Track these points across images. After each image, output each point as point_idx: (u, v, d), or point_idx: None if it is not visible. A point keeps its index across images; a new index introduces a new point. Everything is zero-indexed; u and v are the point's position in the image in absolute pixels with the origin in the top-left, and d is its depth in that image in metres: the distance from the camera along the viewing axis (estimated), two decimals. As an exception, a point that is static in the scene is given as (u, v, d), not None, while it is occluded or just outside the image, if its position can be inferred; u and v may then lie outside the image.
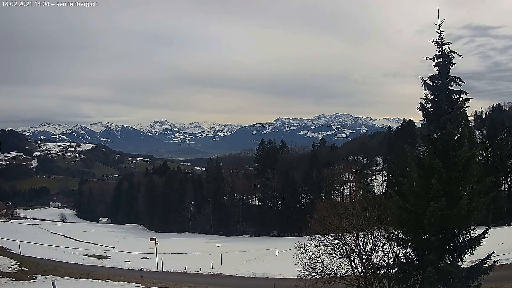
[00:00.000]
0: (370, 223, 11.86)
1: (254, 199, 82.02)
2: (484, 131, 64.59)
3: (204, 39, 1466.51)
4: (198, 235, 75.80)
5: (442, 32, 9.72)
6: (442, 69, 9.77)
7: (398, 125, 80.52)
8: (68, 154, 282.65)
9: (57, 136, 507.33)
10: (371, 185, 71.92)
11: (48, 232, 63.92)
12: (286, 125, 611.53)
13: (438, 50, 9.80)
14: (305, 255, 12.41)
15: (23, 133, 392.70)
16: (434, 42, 9.80)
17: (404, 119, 74.03)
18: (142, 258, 40.56)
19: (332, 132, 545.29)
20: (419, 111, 10.16)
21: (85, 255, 40.18)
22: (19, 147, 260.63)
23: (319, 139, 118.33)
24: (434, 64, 9.85)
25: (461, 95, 9.79)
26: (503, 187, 58.40)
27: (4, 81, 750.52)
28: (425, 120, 10.14)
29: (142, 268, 31.11)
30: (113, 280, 16.79)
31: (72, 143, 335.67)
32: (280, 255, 38.48)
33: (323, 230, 12.79)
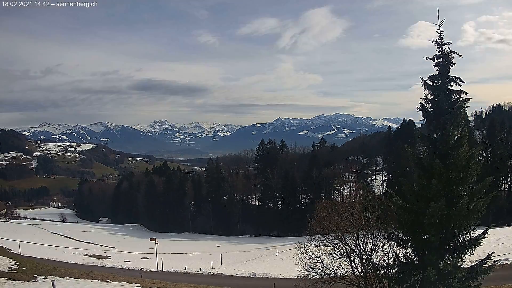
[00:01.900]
0: (370, 223, 11.86)
1: (254, 199, 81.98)
2: (484, 131, 64.61)
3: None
4: (198, 235, 75.78)
5: (442, 32, 9.73)
6: (442, 69, 9.76)
7: (398, 125, 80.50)
8: (68, 154, 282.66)
9: (57, 136, 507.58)
10: (371, 185, 71.86)
11: (48, 232, 63.92)
12: (286, 125, 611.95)
13: (438, 50, 9.79)
14: (305, 255, 12.43)
15: (23, 133, 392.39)
16: (434, 42, 9.80)
17: (404, 119, 74.22)
18: (142, 258, 40.50)
19: (332, 132, 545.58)
20: (419, 111, 10.16)
21: (85, 255, 40.13)
22: (19, 147, 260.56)
23: (319, 139, 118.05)
24: (434, 64, 9.85)
25: (461, 95, 9.79)
26: (503, 187, 58.36)
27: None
28: (425, 120, 10.14)
29: (142, 268, 31.05)
30: (113, 280, 16.77)
31: (72, 143, 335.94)
32: (280, 255, 38.47)
33: (323, 230, 12.78)
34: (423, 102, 10.04)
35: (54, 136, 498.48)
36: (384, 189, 66.85)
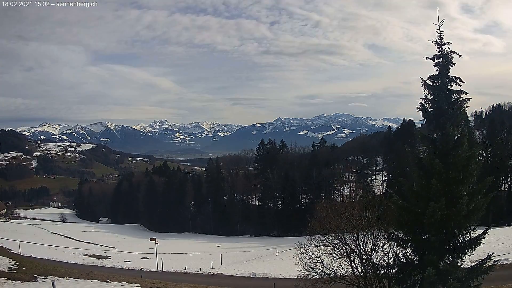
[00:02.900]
0: (370, 223, 11.86)
1: (254, 199, 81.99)
2: (484, 131, 64.64)
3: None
4: (198, 235, 75.83)
5: (442, 32, 9.71)
6: (442, 69, 9.74)
7: (398, 125, 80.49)
8: (68, 154, 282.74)
9: (57, 136, 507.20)
10: (371, 185, 71.84)
11: (48, 232, 64.02)
12: (286, 125, 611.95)
13: (437, 50, 9.77)
14: (305, 255, 12.42)
15: (23, 133, 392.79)
16: (434, 42, 9.78)
17: (404, 119, 74.16)
18: (142, 258, 40.53)
19: (332, 132, 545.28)
20: (419, 111, 10.13)
21: (85, 255, 40.17)
22: (19, 147, 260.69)
23: (319, 139, 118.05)
24: (433, 64, 9.83)
25: (461, 95, 9.77)
26: (503, 187, 58.33)
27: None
28: (425, 120, 10.11)
29: (142, 268, 31.07)
30: (113, 280, 16.75)
31: (72, 143, 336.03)
32: (280, 255, 38.47)
33: (323, 230, 12.78)
34: (423, 102, 10.01)
35: (54, 136, 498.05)
36: (384, 189, 66.81)
